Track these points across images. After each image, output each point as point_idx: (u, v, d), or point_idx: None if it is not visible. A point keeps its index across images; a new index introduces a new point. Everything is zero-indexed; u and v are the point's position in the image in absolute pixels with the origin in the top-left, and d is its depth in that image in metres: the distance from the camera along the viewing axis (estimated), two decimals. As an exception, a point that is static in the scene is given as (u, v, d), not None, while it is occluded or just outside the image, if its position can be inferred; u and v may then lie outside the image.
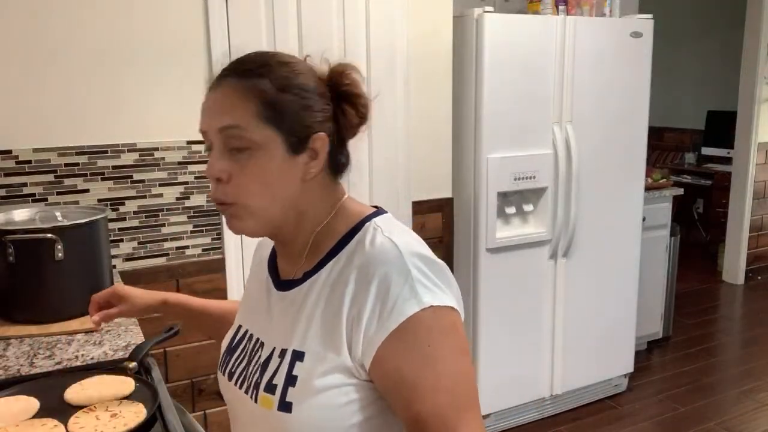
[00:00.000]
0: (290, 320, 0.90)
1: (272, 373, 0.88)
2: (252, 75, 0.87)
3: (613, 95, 2.99)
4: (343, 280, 0.85)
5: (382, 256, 0.84)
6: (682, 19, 6.29)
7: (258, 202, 0.86)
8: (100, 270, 1.76)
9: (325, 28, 2.40)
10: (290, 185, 0.88)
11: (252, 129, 0.84)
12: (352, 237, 0.89)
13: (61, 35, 2.02)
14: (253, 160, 0.84)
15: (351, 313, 0.82)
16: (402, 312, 0.79)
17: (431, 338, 0.79)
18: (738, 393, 3.37)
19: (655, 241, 3.66)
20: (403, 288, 0.80)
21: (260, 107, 0.85)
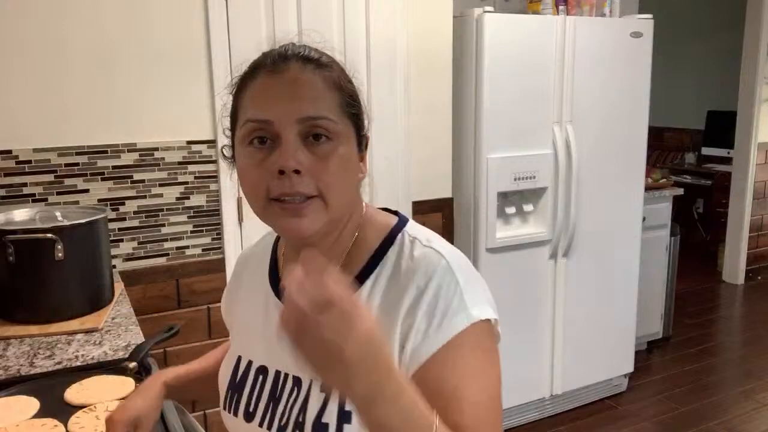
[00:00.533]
0: None
1: (318, 410, 0.79)
2: (323, 64, 0.80)
3: (613, 95, 2.99)
4: (392, 300, 0.80)
5: (429, 268, 0.79)
6: (682, 19, 6.28)
7: (336, 197, 0.79)
8: (100, 270, 1.76)
9: (325, 28, 2.40)
10: (356, 183, 0.83)
11: (337, 119, 0.78)
12: (385, 250, 0.84)
13: (61, 35, 2.02)
14: (335, 152, 0.78)
15: (403, 331, 0.77)
16: (452, 326, 0.76)
17: (477, 352, 0.77)
18: (738, 393, 3.37)
19: (655, 241, 3.65)
20: (452, 300, 0.77)
21: (341, 96, 0.79)
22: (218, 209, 2.31)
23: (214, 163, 2.28)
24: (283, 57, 0.80)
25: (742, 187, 5.02)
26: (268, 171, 0.76)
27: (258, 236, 1.02)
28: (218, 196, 2.30)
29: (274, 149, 0.76)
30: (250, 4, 2.27)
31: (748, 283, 5.15)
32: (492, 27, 2.66)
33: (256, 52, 0.86)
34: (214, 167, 2.28)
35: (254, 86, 0.79)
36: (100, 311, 1.72)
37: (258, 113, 0.77)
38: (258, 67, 0.80)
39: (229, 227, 2.33)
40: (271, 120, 0.76)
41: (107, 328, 1.64)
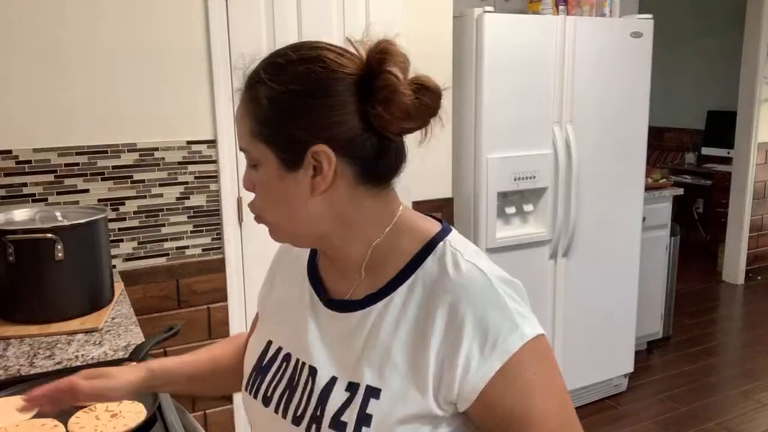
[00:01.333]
0: (358, 348, 0.81)
1: (338, 408, 0.79)
2: (253, 82, 0.82)
3: (613, 95, 2.99)
4: (428, 309, 0.77)
5: (472, 287, 0.77)
6: (682, 19, 6.29)
7: (273, 218, 0.82)
8: (100, 270, 1.76)
9: (325, 28, 2.40)
10: (301, 202, 0.80)
11: (251, 147, 0.80)
12: (423, 257, 0.81)
13: (61, 36, 2.02)
14: (257, 178, 0.81)
15: (442, 351, 0.75)
16: (506, 349, 0.74)
17: (535, 368, 0.77)
18: (738, 393, 3.37)
19: (655, 241, 3.66)
20: (503, 323, 0.75)
21: (253, 124, 0.80)
22: (218, 209, 2.31)
23: (214, 163, 2.28)
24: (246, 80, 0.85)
25: (742, 187, 5.02)
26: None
27: (258, 236, 1.04)
28: (218, 196, 2.30)
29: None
30: (250, 4, 2.27)
31: (748, 283, 5.15)
32: (492, 27, 2.66)
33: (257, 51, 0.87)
34: (214, 167, 2.28)
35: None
36: (100, 311, 1.72)
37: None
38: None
39: (229, 227, 2.33)
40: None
41: (107, 328, 1.64)
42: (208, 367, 1.07)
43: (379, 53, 0.78)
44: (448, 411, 0.77)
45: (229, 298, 2.35)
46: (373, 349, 0.79)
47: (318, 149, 0.77)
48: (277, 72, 0.80)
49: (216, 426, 2.39)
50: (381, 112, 0.76)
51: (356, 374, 0.80)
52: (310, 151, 0.77)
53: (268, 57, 0.83)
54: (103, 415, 1.14)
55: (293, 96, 0.78)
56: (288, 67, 0.80)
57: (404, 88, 0.76)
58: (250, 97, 0.81)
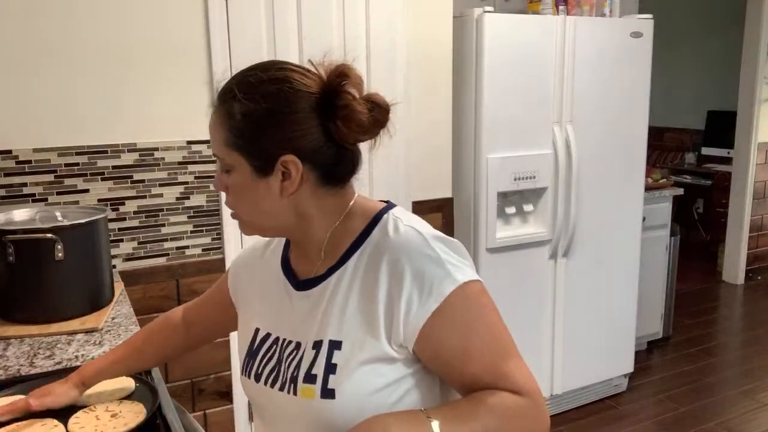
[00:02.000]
0: (320, 313, 0.94)
1: (309, 364, 0.91)
2: (227, 98, 0.91)
3: (613, 95, 2.99)
4: (374, 268, 0.91)
5: (409, 244, 0.90)
6: (682, 19, 6.29)
7: (246, 215, 0.96)
8: (100, 270, 1.76)
9: (325, 28, 2.40)
10: (270, 202, 0.93)
11: (225, 155, 0.92)
12: (370, 230, 0.94)
13: (61, 35, 2.02)
14: (231, 180, 0.93)
15: (388, 299, 0.88)
16: (441, 292, 0.86)
17: (468, 307, 0.88)
18: (738, 393, 3.37)
19: (655, 241, 3.66)
20: (436, 271, 0.87)
21: (227, 134, 0.91)
22: (218, 209, 2.31)
23: (214, 163, 2.27)
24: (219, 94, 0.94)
25: (742, 187, 5.02)
26: None
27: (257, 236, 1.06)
28: (218, 196, 2.30)
29: None
30: (250, 4, 2.27)
31: (748, 283, 5.15)
32: (492, 27, 2.66)
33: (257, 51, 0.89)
34: (214, 167, 2.28)
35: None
36: (100, 311, 1.72)
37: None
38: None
39: (229, 227, 2.33)
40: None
41: (107, 328, 1.64)
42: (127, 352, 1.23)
43: (338, 76, 0.90)
44: (401, 353, 0.89)
45: (229, 298, 2.34)
46: (332, 309, 0.92)
47: (287, 158, 0.90)
48: (249, 90, 0.90)
49: (216, 426, 2.39)
50: (341, 126, 0.89)
51: (320, 334, 0.92)
52: (280, 160, 0.90)
53: (240, 75, 0.93)
54: (103, 415, 1.14)
55: (265, 112, 0.89)
56: (259, 86, 0.90)
57: (360, 107, 0.89)
58: (224, 112, 0.91)
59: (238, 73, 0.94)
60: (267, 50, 2.30)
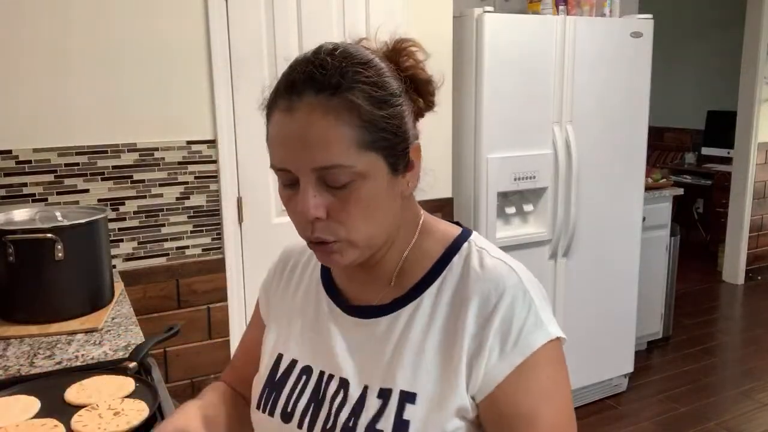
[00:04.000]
0: (387, 354, 0.79)
1: (372, 415, 0.76)
2: (339, 88, 0.72)
3: (613, 95, 2.99)
4: (460, 310, 0.77)
5: (502, 282, 0.77)
6: (682, 19, 6.29)
7: (364, 235, 0.76)
8: (100, 270, 1.76)
9: (325, 28, 2.40)
10: (394, 207, 0.78)
11: (353, 161, 0.72)
12: (449, 258, 0.81)
13: (61, 35, 2.02)
14: (356, 194, 0.73)
15: (473, 345, 0.75)
16: (529, 345, 0.74)
17: (552, 372, 0.76)
18: (738, 393, 3.37)
19: (655, 241, 3.66)
20: (527, 318, 0.75)
21: (357, 132, 0.72)
22: (218, 209, 2.31)
23: (214, 163, 2.28)
24: (297, 88, 0.73)
25: (742, 187, 5.02)
26: (295, 210, 0.75)
27: (258, 236, 1.03)
28: (218, 196, 2.30)
29: (298, 190, 0.74)
30: (250, 4, 2.27)
31: (748, 283, 5.15)
32: (492, 27, 2.66)
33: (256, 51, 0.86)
34: (214, 167, 2.28)
35: (272, 127, 0.76)
36: (100, 311, 1.72)
37: (277, 162, 0.75)
38: (276, 101, 0.76)
39: (229, 227, 2.33)
40: (288, 168, 0.74)
41: (107, 328, 1.64)
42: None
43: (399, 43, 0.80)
44: (474, 411, 0.76)
45: (229, 298, 2.35)
46: (405, 352, 0.77)
47: (415, 146, 0.78)
48: (357, 76, 0.73)
49: (216, 426, 2.39)
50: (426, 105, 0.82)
51: (387, 380, 0.77)
52: (412, 147, 0.78)
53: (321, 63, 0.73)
54: (106, 413, 1.14)
55: (391, 95, 0.75)
56: (361, 71, 0.74)
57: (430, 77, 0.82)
58: (340, 106, 0.72)
59: (310, 63, 0.74)
60: (267, 50, 2.30)
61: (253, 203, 2.37)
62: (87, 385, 1.24)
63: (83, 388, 1.23)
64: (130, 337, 1.58)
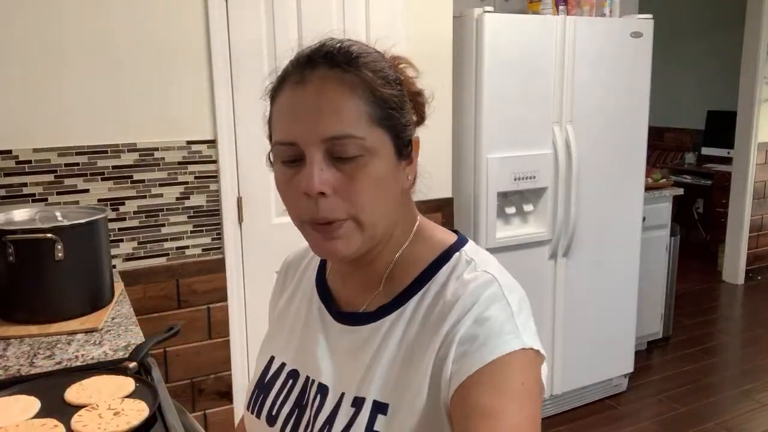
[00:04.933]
0: (365, 362, 0.78)
1: (345, 423, 0.75)
2: (351, 65, 0.73)
3: (613, 95, 2.99)
4: (435, 318, 0.75)
5: (480, 290, 0.74)
6: (682, 19, 6.29)
7: (369, 216, 0.74)
8: (100, 270, 1.76)
9: (325, 28, 2.39)
10: (396, 195, 0.77)
11: (364, 133, 0.72)
12: (437, 267, 0.79)
13: (61, 35, 2.02)
14: (364, 169, 0.72)
15: (442, 349, 0.72)
16: (500, 346, 0.70)
17: (525, 378, 0.71)
18: (738, 393, 3.37)
19: (655, 241, 3.66)
20: (503, 323, 0.72)
21: (370, 106, 0.72)
22: (218, 209, 2.31)
23: (214, 163, 2.28)
24: (310, 61, 0.74)
25: (742, 187, 5.02)
26: (297, 190, 0.73)
27: (258, 236, 1.03)
28: (218, 196, 2.30)
29: (302, 167, 0.73)
30: (250, 3, 2.27)
31: (748, 283, 5.15)
32: (492, 27, 2.66)
33: (256, 51, 0.86)
34: (214, 167, 2.28)
35: (281, 101, 0.75)
36: (100, 311, 1.72)
37: (283, 135, 0.74)
38: (286, 78, 0.76)
39: (229, 227, 2.33)
40: (295, 141, 0.73)
41: (107, 328, 1.64)
42: None
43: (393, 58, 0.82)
44: (445, 415, 0.73)
45: (229, 298, 2.35)
46: (381, 362, 0.76)
47: (416, 139, 0.79)
48: (367, 58, 0.75)
49: (216, 426, 2.39)
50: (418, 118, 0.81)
51: (362, 389, 0.76)
52: (414, 139, 0.78)
53: (336, 43, 0.76)
54: (106, 413, 1.14)
55: (396, 81, 0.77)
56: (370, 58, 0.76)
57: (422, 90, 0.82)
58: (356, 80, 0.73)
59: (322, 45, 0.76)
60: (267, 50, 2.30)
61: (253, 203, 2.37)
62: (87, 385, 1.24)
63: (83, 388, 1.23)
64: (130, 337, 1.57)
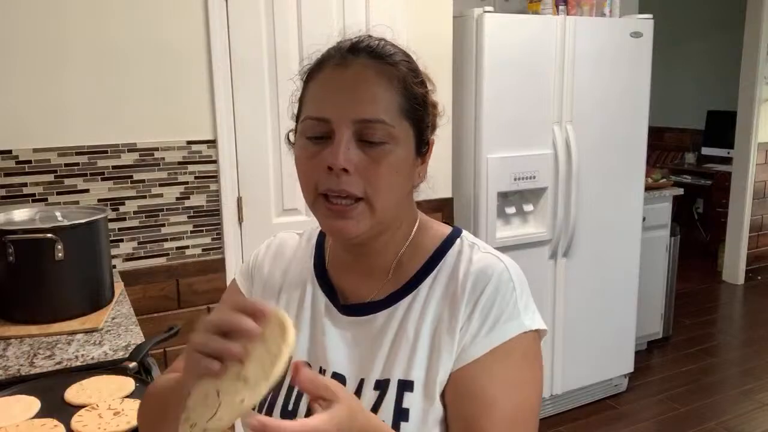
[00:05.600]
0: (385, 346, 0.81)
1: (371, 408, 0.77)
2: (389, 60, 0.79)
3: (613, 95, 2.99)
4: (452, 299, 0.80)
5: (490, 269, 0.80)
6: (682, 19, 6.29)
7: (383, 201, 0.78)
8: (100, 270, 1.76)
9: (325, 28, 2.38)
10: (408, 188, 0.83)
11: (394, 122, 0.77)
12: (444, 252, 0.84)
13: (61, 36, 2.02)
14: (388, 156, 0.77)
15: (461, 328, 0.78)
16: (503, 333, 0.77)
17: (524, 363, 0.78)
18: (738, 393, 3.37)
19: (655, 241, 3.66)
20: (507, 307, 0.78)
21: (402, 99, 0.78)
22: (218, 209, 2.31)
23: (214, 163, 2.28)
24: (353, 49, 0.79)
25: (742, 187, 5.02)
26: (320, 165, 0.76)
27: (258, 236, 1.03)
28: (218, 196, 2.30)
29: (328, 145, 0.76)
30: (250, 4, 2.27)
31: (748, 283, 5.15)
32: (492, 27, 2.66)
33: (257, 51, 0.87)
34: (214, 167, 2.28)
35: (319, 80, 0.79)
36: (100, 311, 1.72)
37: (317, 111, 0.77)
38: (326, 60, 0.80)
39: (229, 227, 2.33)
40: (328, 118, 0.76)
41: (107, 328, 1.64)
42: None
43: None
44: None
45: (229, 298, 2.34)
46: (401, 343, 0.80)
47: (432, 141, 0.84)
48: (403, 57, 0.81)
49: (216, 426, 2.39)
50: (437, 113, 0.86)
51: (384, 372, 0.79)
52: (431, 140, 0.84)
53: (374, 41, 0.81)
54: (106, 413, 1.14)
55: (422, 80, 0.82)
56: (405, 57, 0.82)
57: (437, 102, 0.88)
58: (391, 73, 0.78)
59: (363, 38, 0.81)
60: (267, 50, 2.30)
61: (253, 203, 2.37)
62: (87, 385, 1.24)
63: (83, 388, 1.24)
64: (130, 337, 1.58)
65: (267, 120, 2.35)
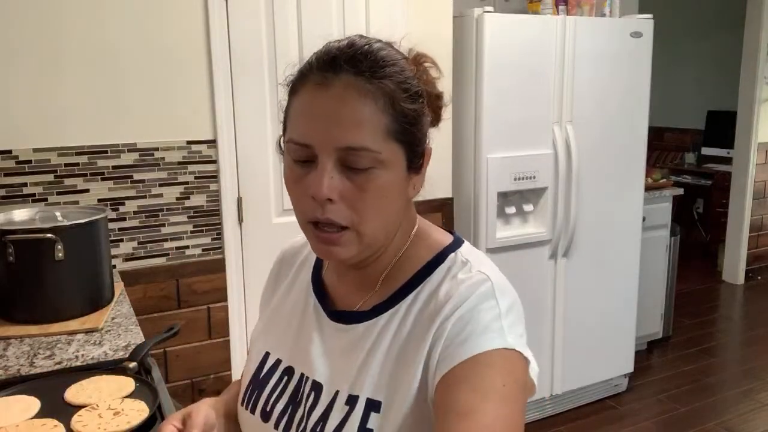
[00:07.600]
0: (359, 361, 0.78)
1: (338, 423, 0.75)
2: (376, 75, 0.73)
3: (613, 95, 2.99)
4: (427, 316, 0.76)
5: (472, 288, 0.75)
6: (682, 19, 6.28)
7: (371, 228, 0.75)
8: (100, 270, 1.76)
9: (325, 28, 2.40)
10: (400, 207, 0.78)
11: (380, 147, 0.72)
12: (433, 267, 0.80)
13: (61, 36, 2.02)
14: (374, 182, 0.73)
15: (431, 346, 0.73)
16: (482, 343, 0.71)
17: (507, 380, 0.70)
18: (738, 393, 3.37)
19: (655, 241, 3.66)
20: (489, 321, 0.72)
21: (389, 120, 0.72)
22: (218, 209, 2.31)
23: (214, 163, 2.28)
24: (335, 64, 0.73)
25: (742, 187, 5.02)
26: (306, 192, 0.73)
27: (257, 237, 1.03)
28: (218, 196, 2.30)
29: (313, 169, 0.73)
30: (250, 4, 2.27)
31: (748, 283, 5.15)
32: (492, 27, 2.66)
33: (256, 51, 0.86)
34: (214, 167, 2.28)
35: (301, 98, 0.75)
36: (100, 311, 1.72)
37: (299, 136, 0.74)
38: (308, 74, 0.75)
39: (229, 227, 2.33)
40: (310, 144, 0.73)
41: (107, 328, 1.64)
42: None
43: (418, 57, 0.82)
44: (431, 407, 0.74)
45: (229, 298, 2.35)
46: (375, 359, 0.77)
47: (428, 150, 0.79)
48: (393, 68, 0.74)
49: (216, 426, 2.39)
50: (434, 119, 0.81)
51: (356, 387, 0.77)
52: (427, 149, 0.79)
53: (361, 48, 0.74)
54: (106, 413, 1.14)
55: (418, 94, 0.76)
56: (396, 67, 0.75)
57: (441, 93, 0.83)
58: (375, 91, 0.72)
59: (349, 47, 0.74)
60: (267, 50, 2.31)
61: (253, 203, 2.37)
62: (87, 385, 1.24)
63: (83, 388, 1.24)
64: (130, 337, 1.58)
65: (267, 120, 2.35)
